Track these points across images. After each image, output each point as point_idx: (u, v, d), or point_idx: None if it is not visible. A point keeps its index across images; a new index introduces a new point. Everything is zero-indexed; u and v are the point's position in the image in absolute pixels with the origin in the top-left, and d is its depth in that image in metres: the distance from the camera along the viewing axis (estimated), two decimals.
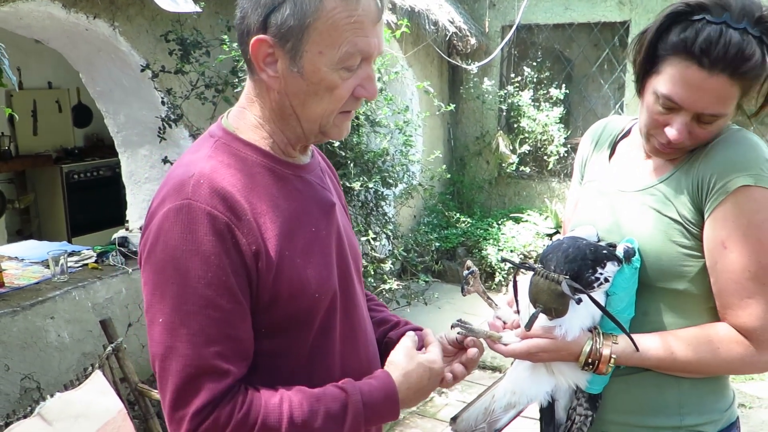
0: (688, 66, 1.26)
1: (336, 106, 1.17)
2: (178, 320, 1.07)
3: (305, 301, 1.18)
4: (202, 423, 1.06)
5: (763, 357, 1.31)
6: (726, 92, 1.26)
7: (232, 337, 1.10)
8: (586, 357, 1.33)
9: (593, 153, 1.62)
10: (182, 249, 1.07)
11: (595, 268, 1.31)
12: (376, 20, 1.14)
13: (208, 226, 1.08)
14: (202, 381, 1.07)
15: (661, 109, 1.33)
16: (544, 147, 6.59)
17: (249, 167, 1.18)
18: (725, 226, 1.29)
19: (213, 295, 1.08)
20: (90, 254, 3.97)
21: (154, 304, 1.10)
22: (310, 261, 1.19)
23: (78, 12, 3.42)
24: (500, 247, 6.02)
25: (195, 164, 1.15)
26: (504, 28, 6.64)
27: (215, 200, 1.10)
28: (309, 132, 1.21)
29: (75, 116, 7.13)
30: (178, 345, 1.07)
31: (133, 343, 3.72)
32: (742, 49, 1.22)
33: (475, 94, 6.72)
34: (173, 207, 1.10)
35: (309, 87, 1.14)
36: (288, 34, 1.11)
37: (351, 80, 1.15)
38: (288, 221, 1.18)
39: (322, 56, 1.12)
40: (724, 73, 1.24)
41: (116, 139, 4.27)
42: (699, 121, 1.30)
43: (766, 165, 1.28)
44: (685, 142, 1.33)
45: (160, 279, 1.09)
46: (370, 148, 4.61)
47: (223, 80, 3.94)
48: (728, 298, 1.31)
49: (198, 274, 1.07)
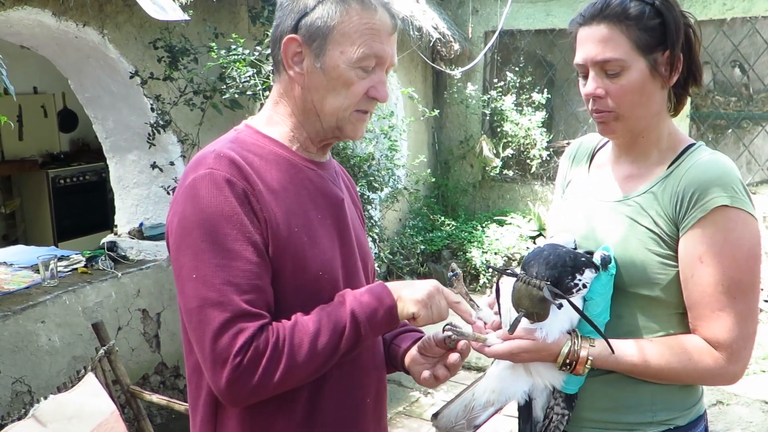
0: (579, 31, 1.47)
1: (351, 101, 1.31)
2: (210, 273, 1.19)
3: (309, 278, 1.29)
4: (246, 355, 1.17)
5: (732, 368, 1.39)
6: (607, 36, 1.40)
7: (260, 288, 1.22)
8: (564, 358, 1.40)
9: (572, 169, 1.71)
10: (208, 210, 1.20)
11: (575, 275, 1.38)
12: (390, 32, 1.32)
13: (228, 190, 1.21)
14: (238, 323, 1.18)
15: (582, 81, 1.48)
16: (527, 151, 6.68)
17: (265, 153, 1.33)
18: (703, 242, 1.37)
19: (240, 249, 1.20)
20: (79, 259, 4.00)
21: (186, 264, 1.22)
22: (315, 242, 1.31)
23: (68, 20, 3.46)
24: (484, 249, 6.09)
25: (216, 146, 1.31)
26: (487, 33, 6.73)
27: (233, 170, 1.24)
28: (327, 126, 1.34)
29: (61, 121, 7.13)
30: (211, 295, 1.19)
31: (123, 347, 3.76)
32: (617, 3, 1.40)
33: (459, 99, 6.80)
34: (198, 176, 1.24)
35: (328, 82, 1.30)
36: (316, 34, 1.28)
37: (366, 81, 1.31)
38: (295, 203, 1.31)
39: (342, 55, 1.28)
40: (601, 22, 1.41)
41: (105, 145, 4.31)
42: (606, 74, 1.42)
43: (739, 186, 1.38)
44: (607, 101, 1.44)
45: (190, 240, 1.21)
46: (356, 153, 4.68)
47: (211, 87, 3.99)
48: (701, 310, 1.39)
49: (225, 231, 1.20)
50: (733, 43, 6.00)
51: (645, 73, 1.41)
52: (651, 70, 1.42)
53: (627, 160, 1.55)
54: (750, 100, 6.67)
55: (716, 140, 6.39)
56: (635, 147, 1.52)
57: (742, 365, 1.40)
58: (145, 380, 3.95)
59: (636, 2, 1.41)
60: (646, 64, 1.41)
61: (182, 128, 4.12)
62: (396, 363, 1.54)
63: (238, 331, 1.17)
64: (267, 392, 1.21)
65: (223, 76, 3.96)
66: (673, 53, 1.42)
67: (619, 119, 1.45)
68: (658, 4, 1.41)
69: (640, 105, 1.44)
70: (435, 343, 1.42)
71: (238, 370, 1.17)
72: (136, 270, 3.94)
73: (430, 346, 1.42)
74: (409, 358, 1.48)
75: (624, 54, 1.40)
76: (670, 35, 1.41)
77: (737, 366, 1.39)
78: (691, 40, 1.46)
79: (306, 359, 1.21)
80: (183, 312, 1.25)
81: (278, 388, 1.21)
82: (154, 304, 4.01)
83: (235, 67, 3.89)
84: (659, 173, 1.48)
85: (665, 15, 1.40)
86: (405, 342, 1.52)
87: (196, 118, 4.10)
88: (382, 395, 1.52)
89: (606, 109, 1.45)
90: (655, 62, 1.41)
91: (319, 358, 1.22)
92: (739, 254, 1.36)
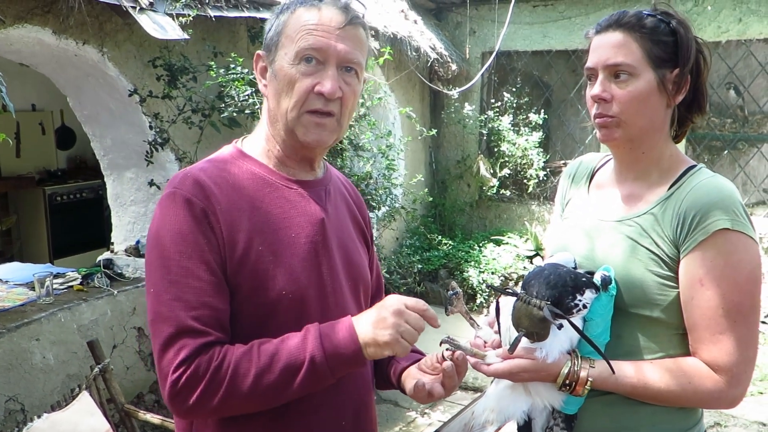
0: (594, 39, 1.50)
1: (296, 99, 1.30)
2: (162, 288, 1.23)
3: (270, 297, 1.28)
4: (185, 372, 1.19)
5: (732, 392, 1.38)
6: (621, 42, 1.44)
7: (209, 305, 1.23)
8: (564, 378, 1.39)
9: (571, 189, 1.71)
10: (166, 228, 1.25)
11: (575, 295, 1.38)
12: (337, 25, 1.30)
13: (186, 209, 1.25)
14: (182, 338, 1.20)
15: (590, 85, 1.50)
16: (523, 171, 6.70)
17: (242, 173, 1.35)
18: (703, 265, 1.37)
19: (192, 266, 1.23)
20: (75, 276, 3.98)
21: (148, 279, 1.27)
22: (281, 261, 1.30)
23: (68, 38, 3.48)
24: (481, 269, 6.09)
25: (193, 166, 1.36)
26: (484, 54, 6.78)
27: (196, 190, 1.27)
28: (285, 134, 1.35)
29: (58, 138, 7.13)
30: (162, 309, 1.22)
31: (118, 365, 3.73)
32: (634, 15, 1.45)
33: (456, 119, 6.83)
34: (163, 196, 1.29)
35: (279, 86, 1.32)
36: (270, 44, 1.35)
37: (310, 78, 1.29)
38: (265, 222, 1.31)
39: (285, 55, 1.31)
40: (617, 29, 1.45)
41: (102, 162, 4.31)
42: (615, 79, 1.45)
43: (740, 209, 1.38)
44: (612, 105, 1.45)
45: (152, 257, 1.27)
46: (354, 172, 4.69)
47: (210, 105, 4.00)
48: (701, 333, 1.39)
49: (179, 248, 1.23)
50: (728, 65, 6.05)
51: (652, 85, 1.43)
52: (658, 83, 1.44)
53: (627, 179, 1.55)
54: (745, 122, 6.71)
55: (712, 161, 6.42)
56: (636, 165, 1.53)
57: (743, 389, 1.39)
58: (139, 399, 3.92)
59: (652, 18, 1.44)
60: (654, 77, 1.43)
61: (180, 146, 4.13)
62: (392, 380, 1.52)
63: (180, 347, 1.19)
64: (207, 413, 1.23)
65: (222, 94, 3.97)
66: (682, 72, 1.44)
67: (620, 126, 1.46)
68: (674, 24, 1.44)
69: (643, 115, 1.45)
70: (436, 359, 1.40)
71: (175, 387, 1.19)
72: (132, 288, 3.92)
73: (432, 362, 1.41)
74: (407, 374, 1.47)
75: (635, 61, 1.43)
76: (682, 54, 1.43)
77: (737, 390, 1.38)
78: (700, 64, 1.48)
79: (248, 391, 1.20)
80: None
81: (221, 411, 1.22)
82: None
83: (233, 86, 3.91)
84: (660, 194, 1.48)
85: (680, 34, 1.44)
86: (405, 360, 1.50)
87: (195, 136, 4.11)
88: (364, 417, 1.46)
89: (609, 114, 1.46)
90: (663, 77, 1.44)
91: (264, 393, 1.21)
92: (740, 278, 1.36)
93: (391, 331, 1.19)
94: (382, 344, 1.20)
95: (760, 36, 5.57)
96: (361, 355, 1.22)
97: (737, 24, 5.59)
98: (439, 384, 1.37)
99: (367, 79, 1.49)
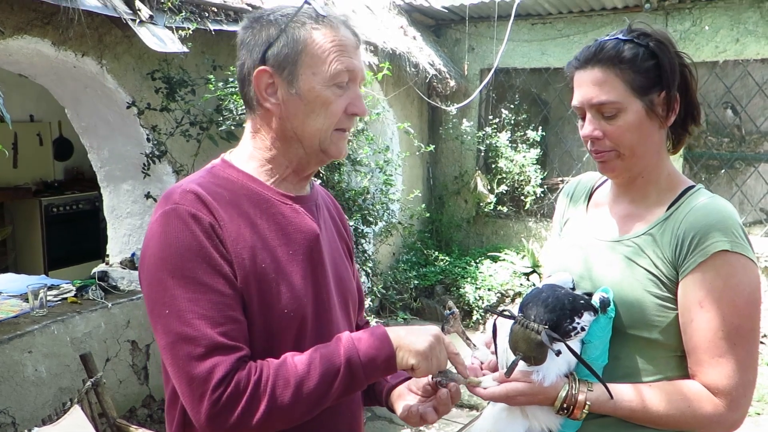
0: (575, 74, 1.47)
1: (332, 121, 1.31)
2: (182, 308, 1.17)
3: (275, 316, 1.26)
4: (225, 391, 1.14)
5: (732, 416, 1.36)
6: (602, 79, 1.41)
7: (234, 319, 1.20)
8: (562, 402, 1.37)
9: (569, 208, 1.70)
10: (175, 245, 1.19)
11: (573, 318, 1.36)
12: (355, 46, 1.33)
13: (194, 224, 1.21)
14: (214, 357, 1.15)
15: (580, 123, 1.49)
16: (521, 187, 6.71)
17: (236, 188, 1.31)
18: (702, 287, 1.36)
19: (210, 281, 1.19)
20: (69, 288, 3.96)
21: (158, 300, 1.19)
22: (283, 278, 1.28)
23: (67, 50, 3.48)
24: (478, 285, 6.07)
25: (185, 181, 1.30)
26: (483, 71, 6.81)
27: (199, 205, 1.23)
28: (310, 151, 1.33)
29: (56, 149, 7.13)
30: (185, 329, 1.16)
31: (111, 379, 3.70)
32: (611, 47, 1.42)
33: (454, 135, 6.85)
34: (164, 212, 1.23)
35: (306, 106, 1.29)
36: (285, 61, 1.28)
37: (342, 98, 1.30)
38: (265, 239, 1.28)
39: (315, 76, 1.28)
40: (596, 66, 1.42)
41: (99, 174, 4.30)
42: (603, 116, 1.43)
43: (739, 231, 1.37)
44: (605, 142, 1.44)
45: (161, 276, 1.19)
46: (351, 187, 4.69)
47: (208, 118, 4.01)
48: (700, 356, 1.37)
49: (193, 265, 1.18)
50: (725, 84, 6.08)
51: (641, 114, 1.42)
52: (647, 111, 1.42)
53: (625, 199, 1.54)
54: (742, 141, 6.74)
55: (709, 180, 6.44)
56: (634, 186, 1.52)
57: (742, 413, 1.38)
58: (132, 413, 3.88)
59: (630, 44, 1.41)
60: (642, 106, 1.41)
61: (177, 159, 4.12)
62: (380, 397, 1.51)
63: (214, 365, 1.15)
64: (248, 429, 1.17)
65: (220, 107, 3.98)
66: (669, 94, 1.42)
67: (620, 157, 1.45)
68: (652, 45, 1.41)
69: (639, 145, 1.44)
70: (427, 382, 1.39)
71: (216, 406, 1.14)
72: (127, 300, 3.90)
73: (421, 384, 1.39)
74: (396, 393, 1.46)
75: (619, 96, 1.41)
76: (665, 76, 1.41)
77: (737, 414, 1.37)
78: (687, 79, 1.46)
79: (291, 402, 1.17)
80: (160, 348, 1.22)
81: (261, 427, 1.17)
82: (143, 336, 3.96)
83: (232, 99, 3.92)
84: (658, 215, 1.47)
85: (659, 57, 1.41)
86: (394, 378, 1.49)
87: (192, 149, 4.10)
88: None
89: (605, 149, 1.45)
90: (651, 103, 1.42)
91: (306, 401, 1.18)
92: (739, 300, 1.35)
93: (426, 346, 1.24)
94: (414, 352, 1.23)
95: (757, 56, 5.61)
96: (394, 361, 1.23)
97: (734, 44, 5.63)
98: (432, 409, 1.37)
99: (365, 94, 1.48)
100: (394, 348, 1.24)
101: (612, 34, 1.46)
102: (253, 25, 1.32)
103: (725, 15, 5.63)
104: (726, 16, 5.63)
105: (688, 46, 5.69)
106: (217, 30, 3.94)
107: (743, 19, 5.57)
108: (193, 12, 3.85)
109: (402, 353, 1.24)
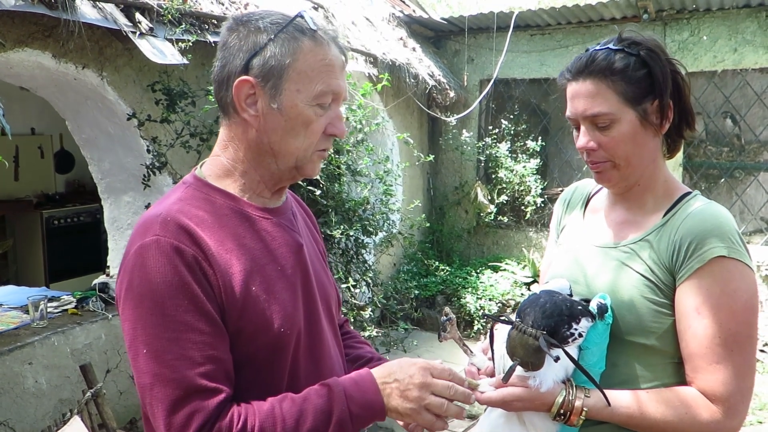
0: (568, 86, 1.47)
1: (312, 140, 1.27)
2: (161, 348, 1.12)
3: (271, 336, 1.23)
4: None
5: (729, 423, 1.35)
6: (594, 91, 1.42)
7: (215, 358, 1.15)
8: (559, 408, 1.37)
9: (566, 215, 1.71)
10: (156, 281, 1.13)
11: (571, 324, 1.36)
12: (342, 66, 1.29)
13: (177, 259, 1.15)
14: (192, 401, 1.10)
15: (575, 134, 1.49)
16: (521, 197, 6.71)
17: (217, 209, 1.26)
18: (700, 293, 1.35)
19: (191, 320, 1.13)
20: (70, 300, 3.96)
21: (137, 337, 1.14)
22: (275, 298, 1.25)
23: (67, 62, 3.50)
24: (479, 295, 6.07)
25: (163, 206, 1.24)
26: (482, 81, 6.83)
27: (182, 236, 1.17)
28: (284, 168, 1.29)
29: (57, 162, 7.15)
30: (163, 371, 1.11)
31: (111, 390, 3.69)
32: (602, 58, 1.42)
33: (454, 145, 6.86)
34: (143, 244, 1.16)
35: (287, 123, 1.25)
36: (269, 74, 1.23)
37: (323, 118, 1.27)
38: (254, 259, 1.25)
39: (300, 93, 1.24)
40: (587, 78, 1.43)
41: (100, 186, 4.31)
42: (597, 127, 1.44)
43: (736, 237, 1.37)
44: (601, 152, 1.45)
45: (139, 312, 1.14)
46: (351, 197, 4.69)
47: (208, 129, 4.02)
48: (697, 362, 1.37)
49: (174, 302, 1.13)
50: (724, 94, 6.09)
51: (635, 123, 1.42)
52: (641, 120, 1.42)
53: (622, 206, 1.55)
54: (742, 151, 6.75)
55: (709, 189, 6.44)
56: (631, 194, 1.52)
57: (740, 420, 1.37)
58: (132, 424, 3.87)
59: (620, 54, 1.42)
60: (635, 115, 1.42)
61: (178, 170, 4.13)
62: None
63: (193, 412, 1.10)
64: None
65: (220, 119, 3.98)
66: (662, 102, 1.42)
67: (616, 168, 1.46)
68: (643, 54, 1.41)
69: (634, 154, 1.44)
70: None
71: None
72: None
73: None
74: None
75: (612, 108, 1.41)
76: (658, 85, 1.41)
77: (734, 420, 1.36)
78: (680, 86, 1.46)
79: None
80: (137, 387, 1.16)
81: None
82: None
83: None
84: (655, 221, 1.47)
85: (651, 65, 1.41)
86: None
87: (192, 160, 4.11)
88: None
89: (601, 160, 1.46)
90: (644, 112, 1.42)
91: None
92: (736, 306, 1.35)
93: (413, 405, 1.20)
94: (403, 414, 1.22)
95: (755, 66, 5.63)
96: (383, 417, 1.22)
97: (733, 54, 5.65)
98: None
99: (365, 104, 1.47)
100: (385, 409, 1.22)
101: (603, 44, 1.46)
102: (239, 27, 1.25)
103: (723, 25, 5.66)
104: (724, 26, 5.66)
105: (686, 56, 5.71)
106: (216, 42, 3.95)
107: (741, 29, 5.60)
108: (193, 24, 3.87)
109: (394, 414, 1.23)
